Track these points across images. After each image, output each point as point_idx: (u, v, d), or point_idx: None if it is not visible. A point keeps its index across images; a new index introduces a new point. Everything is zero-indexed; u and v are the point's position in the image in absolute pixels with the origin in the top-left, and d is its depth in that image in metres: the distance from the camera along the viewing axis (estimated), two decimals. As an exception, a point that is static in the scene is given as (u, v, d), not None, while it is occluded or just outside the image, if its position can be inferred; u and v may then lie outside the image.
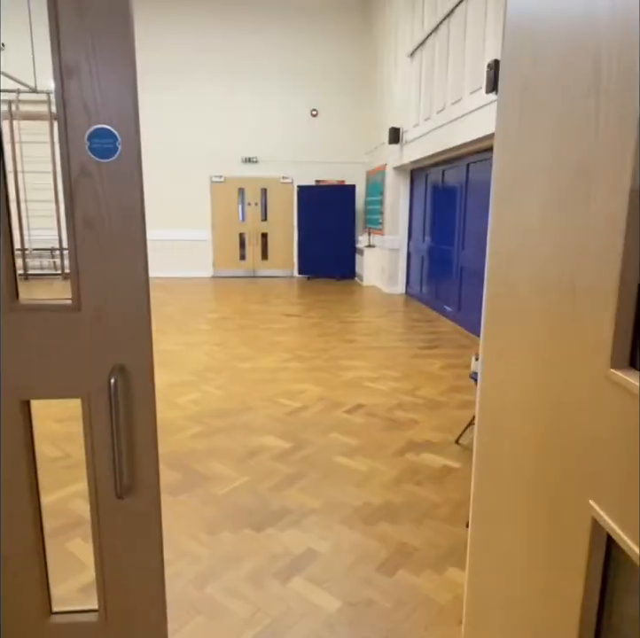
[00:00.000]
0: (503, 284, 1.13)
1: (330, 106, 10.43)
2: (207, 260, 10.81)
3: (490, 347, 1.21)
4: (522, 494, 1.01)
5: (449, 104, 5.83)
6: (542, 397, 0.95)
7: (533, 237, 1.01)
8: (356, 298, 8.46)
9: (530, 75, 1.07)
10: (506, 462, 1.09)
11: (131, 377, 1.21)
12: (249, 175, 10.53)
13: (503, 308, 1.14)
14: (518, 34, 1.07)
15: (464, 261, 6.30)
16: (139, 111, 1.12)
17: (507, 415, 1.09)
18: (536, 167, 1.02)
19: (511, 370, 1.08)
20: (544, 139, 0.99)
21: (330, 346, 5.37)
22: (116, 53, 1.08)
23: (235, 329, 6.08)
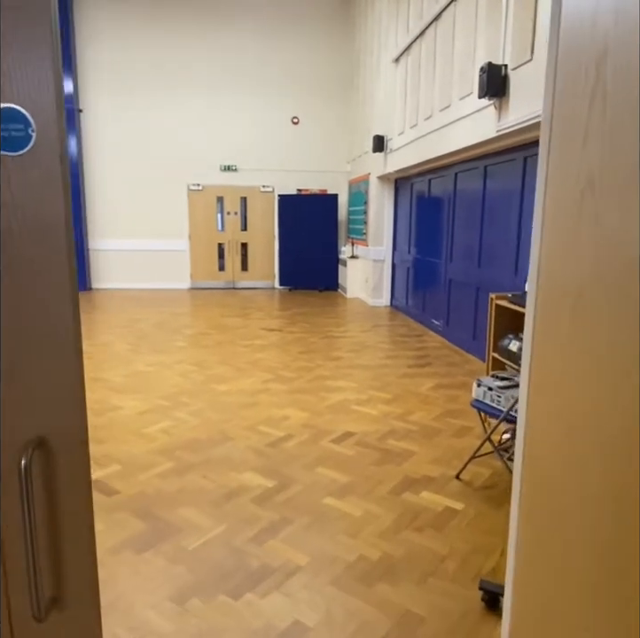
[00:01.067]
0: (561, 295, 0.85)
1: (312, 114, 10.19)
2: (185, 272, 10.42)
3: (540, 372, 0.92)
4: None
5: (437, 110, 5.61)
6: (618, 441, 0.66)
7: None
8: (340, 310, 8.17)
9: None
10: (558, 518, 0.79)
11: (55, 454, 0.88)
12: (228, 184, 10.21)
13: (558, 323, 0.86)
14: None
15: (452, 274, 6.06)
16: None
17: (565, 464, 0.79)
18: (623, 165, 0.73)
19: (567, 400, 0.79)
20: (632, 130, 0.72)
21: (314, 364, 5.05)
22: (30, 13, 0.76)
23: (212, 346, 5.72)
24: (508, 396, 2.61)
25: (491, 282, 5.03)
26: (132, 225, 10.10)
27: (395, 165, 7.17)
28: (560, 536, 0.87)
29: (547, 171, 0.95)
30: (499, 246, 4.90)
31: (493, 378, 2.82)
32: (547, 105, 0.97)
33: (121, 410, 3.77)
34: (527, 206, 4.38)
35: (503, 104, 4.14)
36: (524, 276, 4.33)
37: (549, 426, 0.91)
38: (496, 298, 3.43)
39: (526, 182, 4.44)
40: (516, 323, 3.42)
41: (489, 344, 3.51)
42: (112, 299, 8.96)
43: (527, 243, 4.35)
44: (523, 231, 4.47)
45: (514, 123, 3.97)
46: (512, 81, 4.00)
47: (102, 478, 2.78)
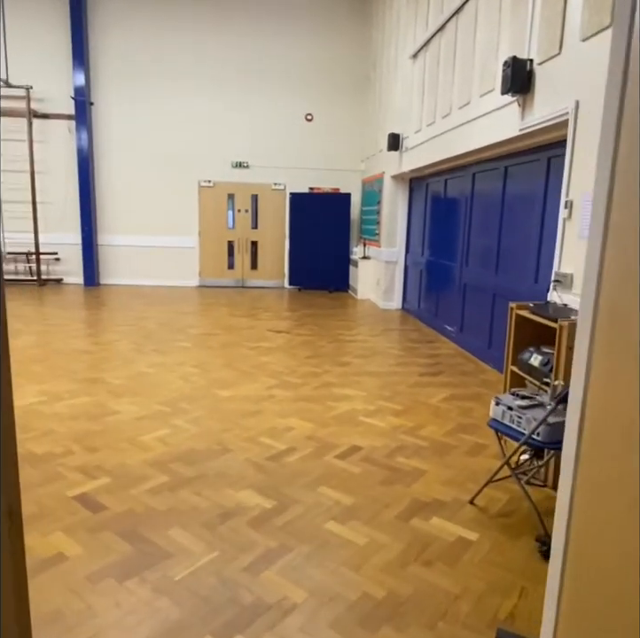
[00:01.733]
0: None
1: (326, 111, 9.98)
2: (194, 269, 10.28)
3: (597, 424, 0.71)
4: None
5: (456, 108, 5.38)
6: None
7: None
8: (350, 313, 7.96)
9: None
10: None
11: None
12: (239, 181, 10.03)
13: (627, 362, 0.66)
14: None
15: (467, 279, 5.83)
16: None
17: None
18: None
19: None
20: None
21: (321, 369, 4.85)
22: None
23: (217, 347, 5.55)
24: (529, 418, 2.39)
25: (509, 289, 4.79)
26: (142, 221, 9.97)
27: (411, 164, 6.94)
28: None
29: (612, 173, 0.74)
30: (519, 252, 4.66)
31: (513, 396, 2.60)
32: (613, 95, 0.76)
33: (118, 415, 3.60)
34: (550, 209, 4.14)
35: (527, 100, 3.90)
36: (545, 284, 4.10)
37: (605, 498, 0.71)
38: (517, 307, 3.20)
39: (549, 185, 4.20)
40: (537, 335, 3.19)
41: (508, 356, 3.28)
42: (119, 296, 8.83)
43: (549, 249, 4.11)
44: (545, 237, 4.23)
45: (539, 121, 3.74)
46: (538, 77, 3.76)
47: (90, 491, 2.61)
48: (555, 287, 3.46)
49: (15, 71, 9.08)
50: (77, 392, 4.02)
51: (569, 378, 2.83)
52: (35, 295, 8.66)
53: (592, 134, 3.11)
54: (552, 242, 4.08)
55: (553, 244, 4.05)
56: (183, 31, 9.47)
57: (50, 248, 9.71)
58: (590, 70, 3.13)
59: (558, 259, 3.45)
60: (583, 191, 3.19)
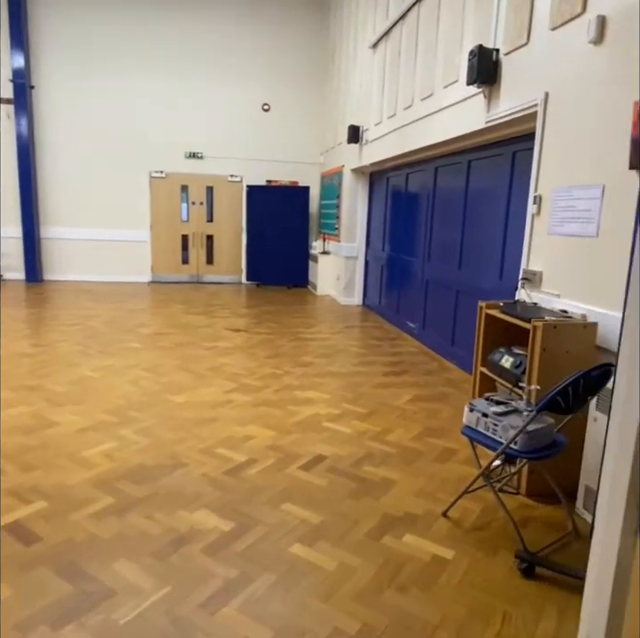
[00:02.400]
0: None
1: (283, 102, 9.70)
2: (146, 264, 9.81)
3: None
4: None
5: (418, 99, 5.24)
6: None
7: None
8: (310, 309, 7.76)
9: None
10: None
11: None
12: (194, 172, 9.63)
13: None
14: None
15: (429, 275, 5.72)
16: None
17: None
18: None
19: None
20: None
21: (282, 370, 4.63)
22: None
23: (170, 348, 5.23)
24: (506, 425, 2.26)
25: (473, 285, 4.71)
26: (89, 213, 9.42)
27: (371, 157, 6.79)
28: None
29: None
30: (483, 248, 4.58)
31: (487, 402, 2.46)
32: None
33: (58, 427, 3.27)
34: (516, 205, 4.06)
35: (493, 92, 3.79)
36: (511, 281, 4.02)
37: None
38: (487, 306, 3.08)
39: (514, 180, 4.11)
40: (508, 336, 3.08)
41: (477, 357, 3.16)
42: (64, 293, 8.30)
43: (514, 246, 4.03)
44: (510, 233, 4.15)
45: (506, 113, 3.63)
46: (505, 68, 3.65)
47: (23, 519, 2.30)
48: (523, 285, 3.36)
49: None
50: (12, 402, 3.65)
51: (545, 382, 2.73)
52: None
53: (562, 126, 3.01)
54: (517, 238, 4.00)
55: (518, 240, 3.97)
56: (135, 16, 8.96)
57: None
58: (561, 60, 3.02)
59: (527, 256, 3.35)
60: (553, 186, 3.09)
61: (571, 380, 2.01)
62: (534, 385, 2.34)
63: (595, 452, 2.41)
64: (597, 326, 2.60)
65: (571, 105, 2.94)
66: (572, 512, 2.49)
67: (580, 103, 2.87)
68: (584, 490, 2.50)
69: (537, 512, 2.54)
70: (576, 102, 2.90)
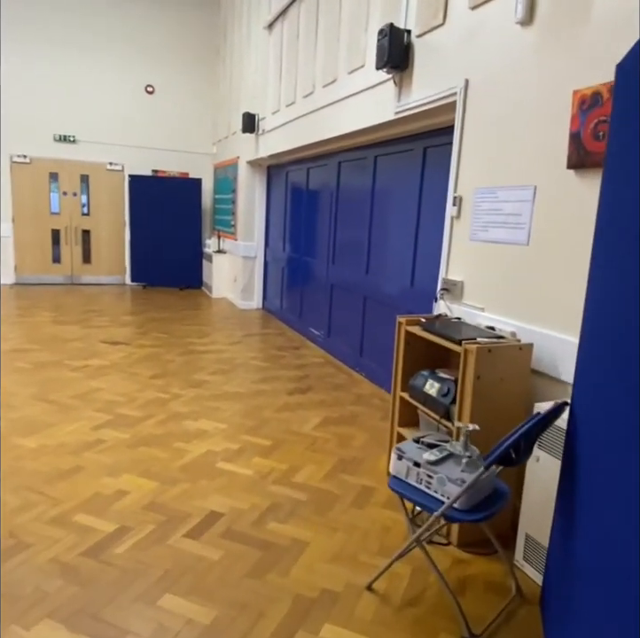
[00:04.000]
0: None
1: (170, 85, 8.79)
2: (8, 263, 8.42)
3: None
4: None
5: (320, 86, 4.77)
6: None
7: None
8: (204, 315, 7.03)
9: None
10: None
11: None
12: (65, 158, 8.41)
13: None
14: None
15: (334, 278, 5.30)
16: None
17: None
18: None
19: None
20: None
21: (169, 394, 3.93)
22: None
23: (29, 370, 4.29)
24: (442, 477, 1.83)
25: (382, 291, 4.34)
26: None
27: (268, 149, 6.22)
28: None
29: None
30: (392, 251, 4.22)
31: (417, 445, 2.03)
32: None
33: None
34: (427, 206, 3.73)
35: (404, 79, 3.40)
36: (424, 288, 3.68)
37: None
38: (407, 323, 2.66)
39: (425, 178, 3.78)
40: (430, 355, 2.69)
41: (397, 381, 2.74)
42: None
43: (427, 250, 3.70)
44: (421, 236, 3.82)
45: (418, 103, 3.25)
46: (418, 51, 3.27)
47: None
48: (442, 296, 3.01)
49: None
50: None
51: (478, 415, 2.36)
52: None
53: (485, 118, 2.67)
54: (431, 242, 3.67)
55: (431, 244, 3.64)
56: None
57: None
58: (483, 43, 2.68)
59: (446, 264, 3.00)
60: (475, 187, 2.75)
61: (525, 429, 1.62)
62: (472, 424, 1.94)
63: (537, 496, 2.07)
64: (532, 347, 2.28)
65: (495, 95, 2.61)
66: (512, 566, 2.14)
67: (506, 92, 2.54)
68: (524, 539, 2.17)
69: (474, 568, 2.16)
70: (502, 91, 2.56)
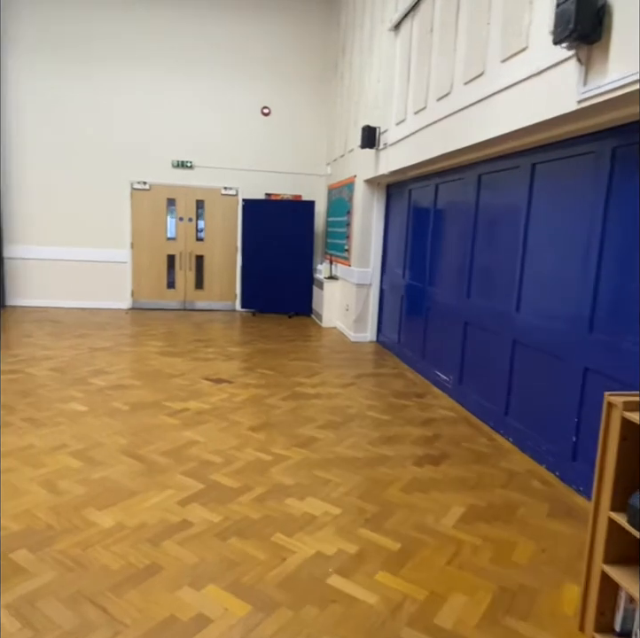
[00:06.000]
0: None
1: (286, 104, 8.49)
2: (125, 288, 8.52)
3: None
4: None
5: (460, 83, 3.95)
6: None
7: None
8: (314, 347, 6.41)
9: None
10: None
11: None
12: (182, 184, 8.39)
13: None
14: None
15: (469, 314, 4.38)
16: None
17: None
18: None
19: None
20: None
21: (271, 455, 3.27)
22: None
23: (124, 413, 3.88)
24: None
25: (538, 334, 3.36)
26: (60, 229, 8.17)
27: (391, 164, 5.50)
28: None
29: None
30: (557, 284, 3.24)
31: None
32: None
33: None
34: (618, 224, 2.73)
35: (595, 54, 2.48)
36: (613, 338, 2.66)
37: None
38: (625, 406, 1.72)
39: (613, 189, 2.79)
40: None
41: (602, 492, 1.79)
42: (22, 323, 7.01)
43: (617, 283, 2.69)
44: (607, 265, 2.82)
45: (617, 85, 2.32)
46: (618, 14, 2.34)
47: None
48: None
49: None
50: None
51: None
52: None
53: None
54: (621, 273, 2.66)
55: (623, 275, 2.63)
56: (115, 5, 7.81)
57: (-59, 261, 7.79)
58: None
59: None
60: None
61: None
62: None
63: None
64: None
65: None
66: None
67: None
68: None
69: None
70: None
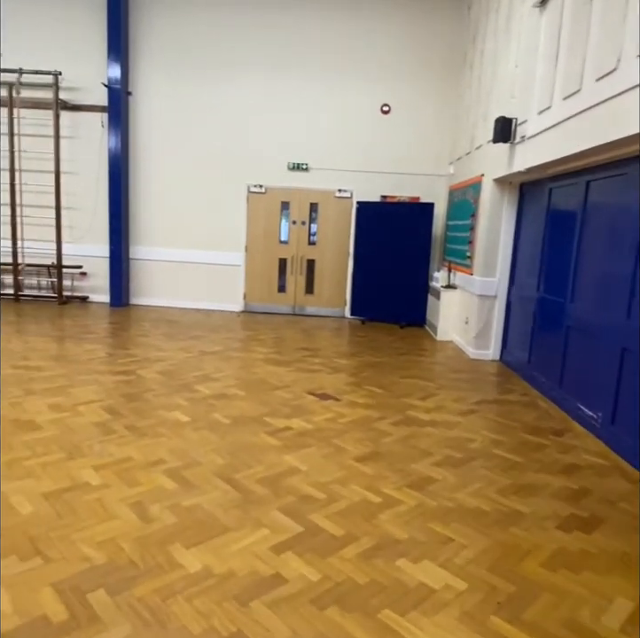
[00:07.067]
0: None
1: (407, 101, 7.98)
2: (238, 291, 8.56)
3: None
4: None
5: (631, 57, 3.20)
6: None
7: None
8: (427, 363, 5.85)
9: None
10: None
11: None
12: (297, 186, 8.23)
13: None
14: None
15: (628, 337, 3.57)
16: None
17: None
18: None
19: None
20: None
21: (380, 494, 2.82)
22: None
23: (224, 427, 3.66)
24: None
25: None
26: (180, 231, 8.41)
27: (529, 160, 4.78)
28: None
29: None
30: None
31: None
32: None
33: (-44, 626, 1.77)
34: None
35: None
36: None
37: None
38: None
39: None
40: None
41: None
42: (141, 322, 7.25)
43: None
44: None
45: None
46: None
47: None
48: None
49: (43, 56, 7.84)
50: None
51: None
52: (42, 317, 7.26)
53: None
54: None
55: None
56: (232, 15, 7.85)
57: (75, 261, 8.36)
58: None
59: None
60: None
61: None
62: None
63: None
64: None
65: None
66: None
67: None
68: None
69: None
70: None
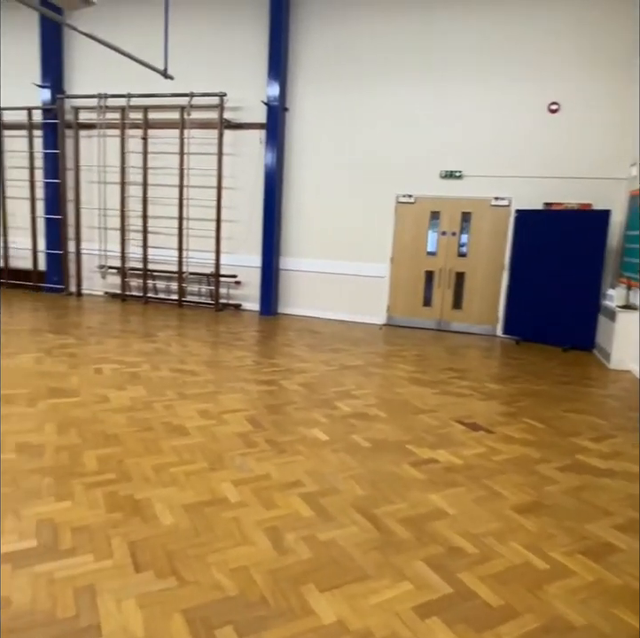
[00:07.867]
0: None
1: (578, 98, 7.10)
2: (382, 303, 8.35)
3: None
4: None
5: None
6: None
7: None
8: (599, 397, 5.02)
9: None
10: None
11: None
12: (448, 195, 7.78)
13: None
14: None
15: None
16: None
17: None
18: None
19: None
20: None
21: (547, 561, 2.35)
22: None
23: (363, 451, 3.41)
24: None
25: None
26: (327, 243, 8.46)
27: None
28: None
29: None
30: None
31: None
32: None
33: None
34: None
35: None
36: None
37: None
38: None
39: None
40: None
41: None
42: (286, 331, 7.39)
43: None
44: None
45: None
46: None
47: None
48: None
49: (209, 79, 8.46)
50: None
51: None
52: (200, 322, 7.76)
53: None
54: None
55: None
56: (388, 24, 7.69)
57: (231, 270, 8.86)
58: None
59: None
60: None
61: None
62: None
63: None
64: None
65: None
66: None
67: None
68: None
69: None
70: None
